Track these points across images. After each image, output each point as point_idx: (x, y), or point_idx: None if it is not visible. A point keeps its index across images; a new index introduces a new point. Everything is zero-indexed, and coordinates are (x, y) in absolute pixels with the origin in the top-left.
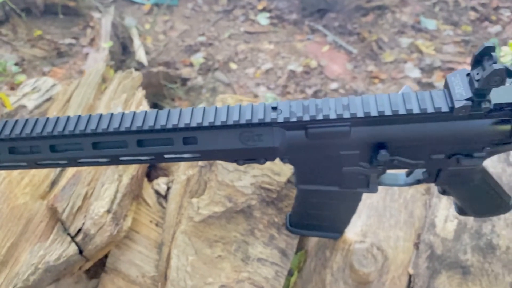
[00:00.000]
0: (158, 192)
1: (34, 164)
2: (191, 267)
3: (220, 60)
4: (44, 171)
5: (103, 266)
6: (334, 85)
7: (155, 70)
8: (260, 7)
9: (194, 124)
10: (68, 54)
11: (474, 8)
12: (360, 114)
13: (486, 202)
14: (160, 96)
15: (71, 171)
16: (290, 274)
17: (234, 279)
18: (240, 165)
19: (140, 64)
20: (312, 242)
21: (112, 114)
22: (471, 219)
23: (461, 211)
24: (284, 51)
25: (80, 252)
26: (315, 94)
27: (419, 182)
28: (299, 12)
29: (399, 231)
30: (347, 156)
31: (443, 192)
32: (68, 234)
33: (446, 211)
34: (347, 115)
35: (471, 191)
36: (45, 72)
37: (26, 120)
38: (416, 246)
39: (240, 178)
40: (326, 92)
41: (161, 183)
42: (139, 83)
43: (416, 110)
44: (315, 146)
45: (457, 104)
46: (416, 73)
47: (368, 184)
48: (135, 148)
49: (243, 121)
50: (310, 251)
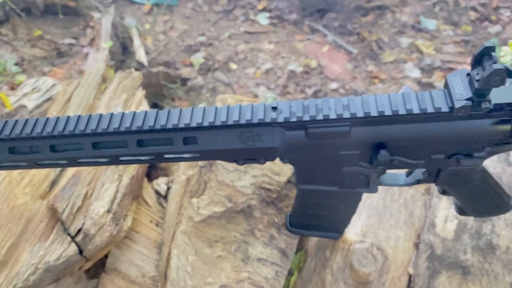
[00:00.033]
0: (158, 192)
1: (34, 164)
2: (191, 267)
3: (220, 60)
4: (44, 171)
5: (103, 266)
6: (334, 85)
7: (155, 70)
8: (260, 7)
9: (194, 124)
10: (68, 54)
11: (474, 8)
12: (360, 114)
13: (486, 202)
14: (160, 96)
15: (71, 171)
16: (290, 274)
17: (234, 279)
18: (240, 165)
19: (140, 64)
20: (312, 242)
21: (112, 114)
22: (471, 219)
23: (461, 211)
24: (284, 51)
25: (80, 252)
26: (315, 94)
27: (419, 182)
28: (299, 12)
29: (399, 231)
30: (347, 156)
31: (443, 192)
32: (68, 234)
33: (446, 211)
34: (347, 115)
35: (471, 191)
36: (45, 72)
37: (26, 120)
38: (416, 246)
39: (240, 178)
40: (326, 92)
41: (161, 183)
42: (139, 83)
43: (416, 110)
44: (315, 146)
45: (457, 104)
46: (416, 73)
47: (368, 184)
48: (135, 148)
49: (243, 121)
50: (310, 251)
